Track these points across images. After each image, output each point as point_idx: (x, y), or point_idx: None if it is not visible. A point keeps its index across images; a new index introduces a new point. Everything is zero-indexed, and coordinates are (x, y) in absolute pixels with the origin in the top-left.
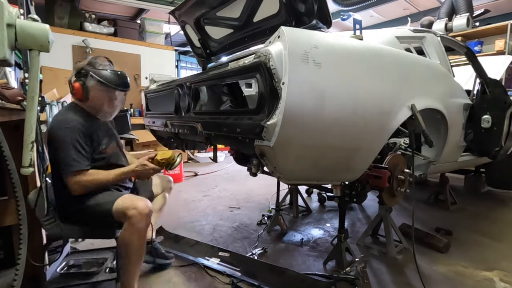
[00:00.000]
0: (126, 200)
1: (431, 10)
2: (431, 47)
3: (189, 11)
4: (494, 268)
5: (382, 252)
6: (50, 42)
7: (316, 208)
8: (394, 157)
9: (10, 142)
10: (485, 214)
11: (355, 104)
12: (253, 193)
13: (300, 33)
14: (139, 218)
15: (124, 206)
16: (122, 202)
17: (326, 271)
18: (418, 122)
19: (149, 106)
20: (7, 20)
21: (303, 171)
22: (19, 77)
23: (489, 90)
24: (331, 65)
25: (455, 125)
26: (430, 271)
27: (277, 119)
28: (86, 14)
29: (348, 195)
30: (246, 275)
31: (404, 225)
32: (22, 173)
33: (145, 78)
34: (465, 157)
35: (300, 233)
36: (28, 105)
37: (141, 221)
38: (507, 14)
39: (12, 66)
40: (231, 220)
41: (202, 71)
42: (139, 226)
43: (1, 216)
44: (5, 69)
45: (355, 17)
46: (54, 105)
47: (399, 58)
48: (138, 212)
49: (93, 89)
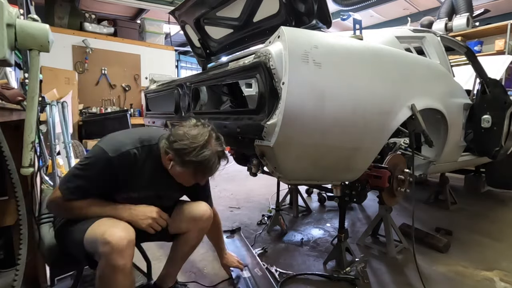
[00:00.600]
0: (100, 228)
1: (431, 10)
2: (431, 47)
3: (189, 11)
4: (494, 268)
5: (382, 252)
6: (50, 42)
7: (316, 208)
8: (394, 157)
9: (10, 142)
10: (485, 214)
11: (355, 104)
12: (253, 193)
13: (300, 33)
14: (113, 257)
15: (94, 237)
16: (93, 230)
17: (326, 271)
18: (418, 122)
19: (149, 106)
20: (7, 20)
21: (303, 171)
22: (19, 77)
23: (489, 90)
24: (331, 65)
25: (455, 125)
26: (430, 271)
27: (277, 119)
28: (86, 14)
29: (348, 195)
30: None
31: (404, 225)
32: (22, 173)
33: (145, 78)
34: (465, 157)
35: (300, 233)
36: (28, 105)
37: (116, 258)
38: (507, 14)
39: (12, 66)
40: (231, 220)
41: (202, 71)
42: (115, 265)
43: (1, 216)
44: (5, 69)
45: (355, 17)
46: (54, 105)
47: (399, 58)
48: (110, 247)
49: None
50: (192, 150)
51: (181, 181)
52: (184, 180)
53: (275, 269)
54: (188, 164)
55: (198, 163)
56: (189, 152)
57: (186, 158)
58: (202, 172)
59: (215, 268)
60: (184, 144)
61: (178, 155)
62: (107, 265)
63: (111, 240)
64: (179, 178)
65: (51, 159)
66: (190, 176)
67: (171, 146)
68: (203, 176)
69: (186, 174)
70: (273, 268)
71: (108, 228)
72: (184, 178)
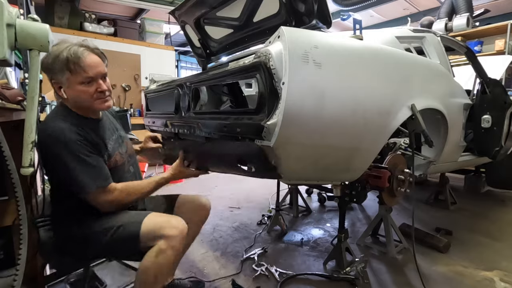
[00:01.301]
0: (159, 219)
1: (431, 10)
2: (431, 47)
3: (189, 11)
4: (494, 268)
5: (382, 252)
6: (50, 42)
7: (316, 208)
8: (394, 157)
9: (10, 142)
10: (485, 214)
11: (355, 104)
12: (253, 193)
13: (300, 33)
14: (178, 239)
15: (157, 226)
16: (152, 222)
17: (326, 271)
18: (418, 122)
19: (149, 106)
20: (7, 20)
21: (303, 171)
22: (19, 77)
23: (489, 90)
24: (331, 65)
25: (455, 125)
26: (430, 271)
27: (277, 119)
28: (86, 14)
29: (348, 195)
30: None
31: (404, 225)
32: (22, 173)
33: (145, 78)
34: (465, 157)
35: (300, 233)
36: (28, 105)
37: (180, 241)
38: (507, 14)
39: (12, 66)
40: (231, 220)
41: (202, 71)
42: (176, 247)
43: (1, 216)
44: (5, 69)
45: (355, 17)
46: (54, 105)
47: (399, 58)
48: (179, 231)
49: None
50: (55, 56)
51: (83, 98)
52: (84, 94)
53: (275, 269)
54: (61, 70)
55: (65, 61)
56: (54, 59)
57: (56, 67)
58: (76, 65)
59: (215, 268)
60: (48, 58)
61: (51, 71)
62: (168, 247)
63: (178, 226)
64: (80, 97)
65: None
66: (77, 80)
67: (44, 70)
68: (83, 68)
69: (72, 82)
70: (273, 268)
71: (169, 219)
72: (78, 89)
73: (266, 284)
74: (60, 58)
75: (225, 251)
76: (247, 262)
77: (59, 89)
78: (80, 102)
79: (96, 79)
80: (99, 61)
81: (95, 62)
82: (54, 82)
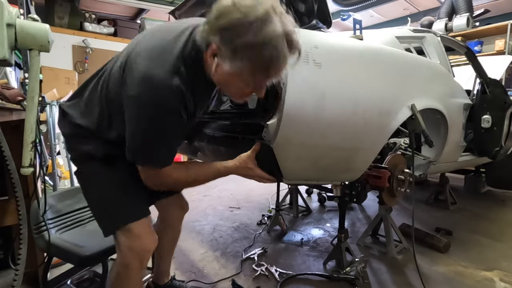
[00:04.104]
0: (138, 228)
1: (431, 10)
2: (431, 47)
3: (189, 11)
4: (494, 268)
5: (382, 252)
6: (50, 42)
7: (316, 208)
8: (394, 157)
9: (10, 142)
10: (485, 214)
11: (355, 104)
12: (253, 193)
13: (300, 33)
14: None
15: (125, 236)
16: (124, 237)
17: (326, 271)
18: (418, 122)
19: None
20: (7, 20)
21: (303, 171)
22: (19, 77)
23: (489, 90)
24: (331, 65)
25: (455, 125)
26: (430, 271)
27: (277, 119)
28: (86, 14)
29: (348, 195)
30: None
31: (404, 225)
32: (22, 173)
33: None
34: (465, 157)
35: (300, 233)
36: (28, 105)
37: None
38: (507, 14)
39: (12, 66)
40: (231, 220)
41: None
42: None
43: (1, 216)
44: (5, 69)
45: (355, 17)
46: (54, 105)
47: (399, 58)
48: (139, 262)
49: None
50: (248, 25)
51: (231, 92)
52: (235, 88)
53: (275, 269)
54: (244, 52)
55: (259, 46)
56: (243, 30)
57: (239, 42)
58: (265, 66)
59: (215, 268)
60: (234, 19)
61: (227, 39)
62: (126, 276)
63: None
64: (228, 87)
65: (51, 159)
66: (248, 76)
67: (215, 26)
68: (267, 73)
69: (239, 73)
70: (273, 268)
71: (145, 233)
72: (236, 83)
73: (266, 284)
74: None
75: (225, 251)
76: (247, 262)
77: (211, 56)
78: (220, 84)
79: (263, 88)
80: None
81: (281, 69)
82: (217, 47)
